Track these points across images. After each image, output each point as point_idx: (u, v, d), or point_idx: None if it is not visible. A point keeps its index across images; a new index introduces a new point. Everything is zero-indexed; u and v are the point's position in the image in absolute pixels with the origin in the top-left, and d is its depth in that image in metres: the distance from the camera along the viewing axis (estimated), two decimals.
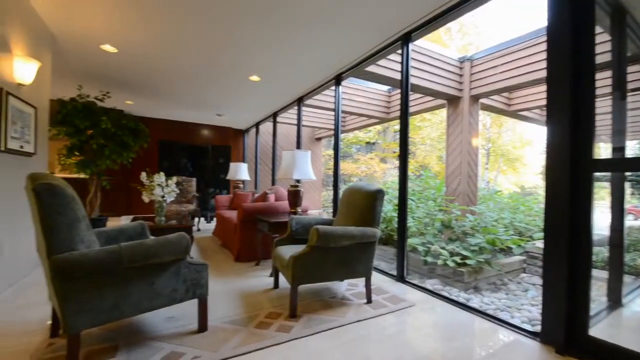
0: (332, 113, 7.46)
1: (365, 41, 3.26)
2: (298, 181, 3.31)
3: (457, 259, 3.46)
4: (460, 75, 5.09)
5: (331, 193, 12.15)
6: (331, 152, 13.40)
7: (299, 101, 5.41)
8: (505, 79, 4.56)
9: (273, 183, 6.84)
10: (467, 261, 3.44)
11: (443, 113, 10.04)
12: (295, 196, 3.21)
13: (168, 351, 1.68)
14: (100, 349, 1.69)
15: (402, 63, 3.03)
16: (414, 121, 11.70)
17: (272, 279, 2.88)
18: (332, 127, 8.30)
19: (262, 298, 2.47)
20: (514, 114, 6.25)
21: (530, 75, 4.27)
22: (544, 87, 2.18)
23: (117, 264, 1.50)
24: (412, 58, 3.16)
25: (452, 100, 5.24)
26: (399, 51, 3.15)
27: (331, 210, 11.01)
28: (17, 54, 2.43)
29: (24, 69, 2.44)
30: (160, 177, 3.43)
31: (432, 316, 2.26)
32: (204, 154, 8.18)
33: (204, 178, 8.02)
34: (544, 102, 2.26)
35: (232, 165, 5.91)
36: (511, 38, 4.51)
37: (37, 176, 1.43)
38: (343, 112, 6.11)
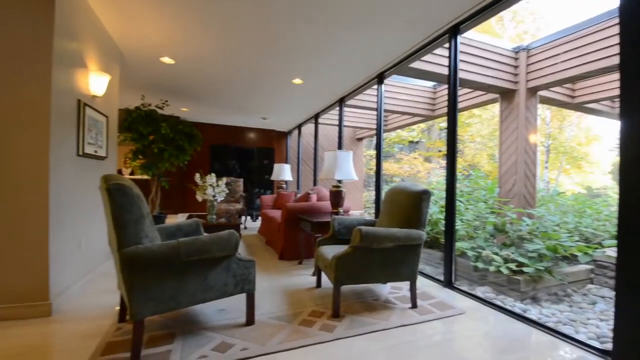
0: (374, 112, 7.36)
1: (410, 37, 3.16)
2: (340, 181, 3.32)
3: (513, 265, 3.21)
4: (515, 67, 4.70)
5: (372, 194, 12.04)
6: (372, 152, 13.20)
7: (341, 102, 5.42)
8: (568, 68, 4.11)
9: (314, 183, 6.93)
10: (524, 269, 3.17)
11: (495, 108, 9.37)
12: (337, 196, 3.22)
13: (219, 341, 1.78)
14: (160, 335, 1.86)
15: (449, 57, 2.89)
16: (461, 118, 11.06)
17: (314, 278, 2.92)
18: (374, 126, 8.18)
19: (305, 296, 2.52)
20: (579, 107, 5.61)
21: (598, 63, 3.81)
22: (615, 76, 1.92)
23: (175, 257, 1.64)
24: (461, 51, 3.00)
25: (506, 94, 4.86)
26: (446, 45, 3.01)
27: (373, 211, 10.81)
28: (92, 69, 2.76)
29: (97, 82, 2.77)
30: (211, 178, 3.67)
31: (484, 326, 2.12)
32: (250, 156, 8.58)
33: (250, 179, 8.40)
34: (616, 92, 2.00)
35: (275, 166, 6.11)
36: (574, 23, 4.06)
37: (109, 177, 1.62)
38: (385, 111, 5.99)
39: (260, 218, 7.60)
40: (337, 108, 5.63)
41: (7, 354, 1.64)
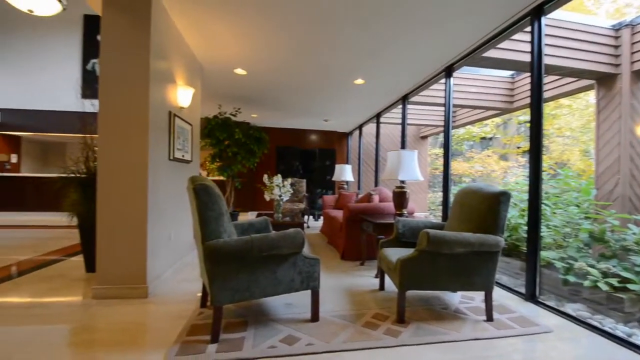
0: (441, 108, 6.94)
1: (484, 23, 2.90)
2: (403, 182, 3.21)
3: (614, 281, 2.72)
4: (616, 47, 3.97)
5: (438, 195, 11.34)
6: (438, 150, 12.44)
7: (404, 99, 5.23)
8: None
9: (376, 184, 6.82)
10: (629, 285, 2.66)
11: (589, 96, 8.06)
12: (400, 197, 3.12)
13: (286, 334, 1.88)
14: (235, 322, 2.03)
15: (532, 42, 2.58)
16: (546, 109, 9.73)
17: (377, 280, 2.88)
18: (440, 123, 7.71)
19: (368, 298, 2.50)
20: None
21: None
22: None
23: (249, 252, 1.78)
24: (545, 34, 2.64)
25: (604, 79, 4.14)
26: (528, 28, 2.69)
27: (439, 213, 10.18)
28: (180, 84, 3.16)
29: (184, 95, 3.15)
30: (278, 179, 3.88)
31: (576, 348, 1.84)
32: (312, 157, 8.83)
33: (312, 179, 8.65)
34: None
35: (337, 167, 6.18)
36: None
37: (195, 178, 1.83)
38: (454, 106, 5.60)
39: (322, 217, 7.78)
40: (400, 106, 5.45)
41: (116, 327, 1.97)
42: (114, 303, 2.31)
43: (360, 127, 8.07)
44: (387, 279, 2.74)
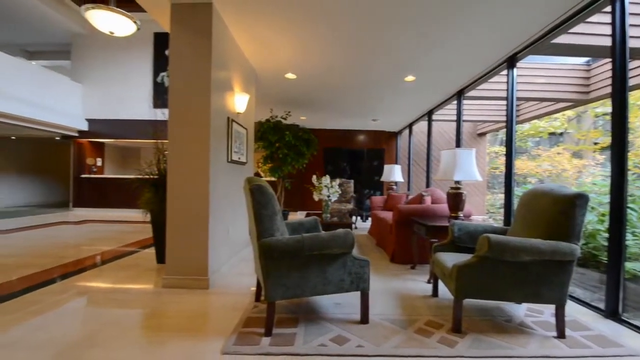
0: (501, 102, 6.41)
1: (553, 5, 2.61)
2: (458, 183, 3.03)
3: None
4: None
5: (497, 197, 10.43)
6: (498, 148, 11.48)
7: (459, 94, 4.93)
8: None
9: (427, 185, 6.53)
10: None
11: None
12: (456, 199, 2.95)
13: (336, 334, 1.89)
14: (286, 318, 2.10)
15: (612, 23, 2.25)
16: (631, 99, 8.39)
17: (430, 286, 2.75)
18: (501, 118, 7.12)
19: (419, 304, 2.40)
20: None
21: None
22: None
23: (300, 250, 1.84)
24: (631, 13, 2.29)
25: None
26: (607, 8, 2.36)
27: (499, 217, 9.40)
28: (237, 91, 3.37)
29: (240, 101, 3.36)
30: (326, 180, 3.93)
31: None
32: (359, 158, 8.77)
33: (359, 180, 8.58)
34: None
35: (386, 167, 6.05)
36: None
37: (251, 179, 1.95)
38: (518, 99, 5.13)
39: (369, 219, 7.67)
40: (455, 102, 5.15)
41: (182, 314, 2.17)
42: (180, 292, 2.55)
43: (410, 125, 7.80)
44: (441, 285, 2.61)
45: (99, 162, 8.75)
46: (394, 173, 5.87)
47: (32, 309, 2.19)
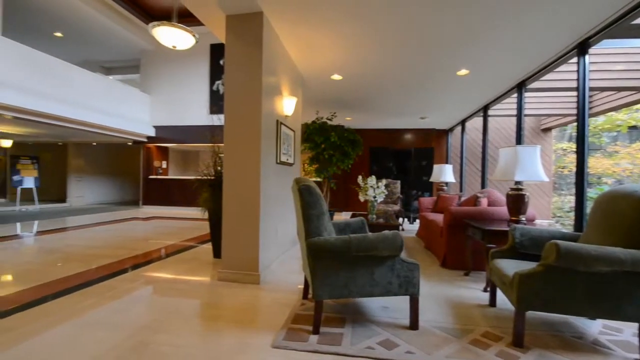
0: (571, 94, 5.74)
1: None
2: (519, 183, 2.78)
3: None
4: None
5: (564, 199, 9.33)
6: (565, 144, 10.29)
7: (520, 86, 4.52)
8: None
9: (483, 185, 6.08)
10: None
11: None
12: (517, 201, 2.71)
13: (384, 338, 1.86)
14: (333, 317, 2.12)
15: None
16: None
17: (487, 295, 2.57)
18: (570, 111, 6.37)
19: (474, 313, 2.25)
20: None
21: None
22: None
23: (347, 251, 1.84)
24: None
25: None
26: None
27: (568, 222, 8.45)
28: (285, 95, 3.49)
29: (288, 104, 3.47)
30: (372, 180, 3.88)
31: None
32: (407, 157, 8.48)
33: (406, 180, 8.31)
34: None
35: (435, 167, 5.77)
36: None
37: (300, 179, 2.00)
38: (591, 89, 4.55)
39: (417, 220, 7.38)
40: (515, 95, 4.73)
41: (235, 307, 2.30)
42: (234, 286, 2.71)
43: (462, 122, 7.34)
44: (500, 294, 2.42)
45: (164, 165, 9.68)
46: (445, 173, 5.57)
47: (108, 294, 2.50)
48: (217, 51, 8.33)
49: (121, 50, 8.97)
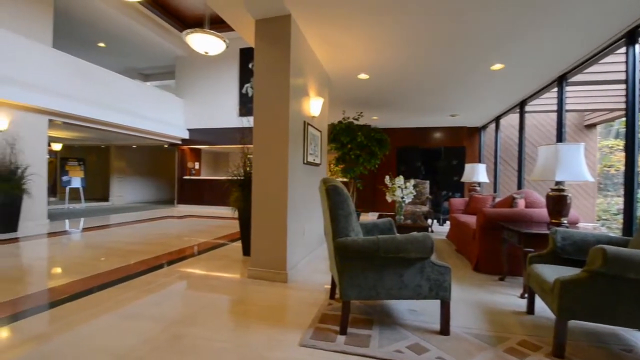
0: (619, 87, 5.28)
1: None
2: (560, 184, 2.60)
3: None
4: None
5: (611, 201, 8.56)
6: (612, 141, 9.49)
7: (560, 80, 4.23)
8: None
9: (519, 186, 5.75)
10: None
11: None
12: (558, 203, 2.54)
13: (413, 342, 1.81)
14: (360, 318, 2.10)
15: None
16: None
17: (524, 302, 2.43)
18: (618, 105, 5.87)
19: (510, 320, 2.14)
20: None
21: None
22: None
23: (375, 252, 1.82)
24: None
25: None
26: None
27: (615, 225, 7.80)
28: (312, 96, 3.51)
29: (315, 105, 3.49)
30: (399, 180, 3.80)
31: None
32: (436, 157, 8.22)
33: (436, 180, 8.05)
34: None
35: (467, 166, 5.55)
36: None
37: (327, 180, 2.01)
38: None
39: (447, 222, 7.13)
40: (555, 89, 4.44)
41: (264, 304, 2.35)
42: (263, 283, 2.78)
43: (496, 119, 7.00)
44: (538, 301, 2.28)
45: (196, 166, 10.12)
46: (477, 173, 5.34)
47: (146, 287, 2.66)
48: (246, 55, 8.57)
49: (157, 57, 9.50)
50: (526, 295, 2.37)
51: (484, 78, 4.45)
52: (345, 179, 6.47)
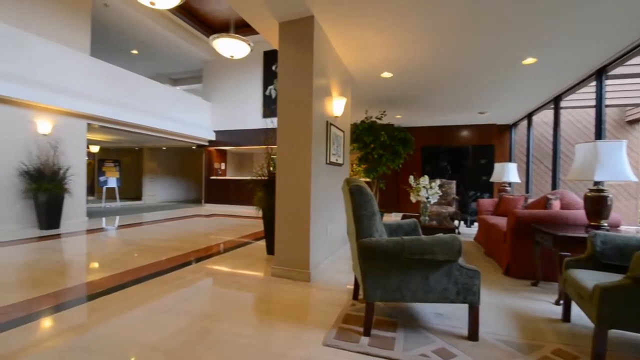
0: None
1: None
2: (599, 184, 2.43)
3: None
4: None
5: None
6: None
7: (599, 73, 3.96)
8: None
9: (554, 186, 5.44)
10: None
11: None
12: (598, 204, 2.38)
13: (439, 346, 1.77)
14: (384, 320, 2.08)
15: None
16: None
17: (559, 308, 2.30)
18: None
19: (544, 327, 2.03)
20: None
21: None
22: None
23: (400, 253, 1.79)
24: None
25: None
26: None
27: None
28: (335, 96, 3.52)
29: (338, 105, 3.49)
30: (424, 180, 3.72)
31: None
32: (463, 156, 7.95)
33: (463, 180, 7.78)
34: None
35: (496, 165, 5.32)
36: None
37: (351, 180, 2.00)
38: None
39: (475, 224, 6.87)
40: (593, 83, 4.16)
41: (287, 302, 2.38)
42: (286, 282, 2.81)
43: (529, 115, 6.66)
44: (574, 308, 2.15)
45: (222, 166, 10.42)
46: (508, 172, 5.10)
47: (176, 283, 2.77)
48: (269, 58, 8.72)
49: (186, 62, 9.88)
50: (562, 301, 2.24)
51: (514, 73, 4.25)
52: (367, 179, 6.41)
